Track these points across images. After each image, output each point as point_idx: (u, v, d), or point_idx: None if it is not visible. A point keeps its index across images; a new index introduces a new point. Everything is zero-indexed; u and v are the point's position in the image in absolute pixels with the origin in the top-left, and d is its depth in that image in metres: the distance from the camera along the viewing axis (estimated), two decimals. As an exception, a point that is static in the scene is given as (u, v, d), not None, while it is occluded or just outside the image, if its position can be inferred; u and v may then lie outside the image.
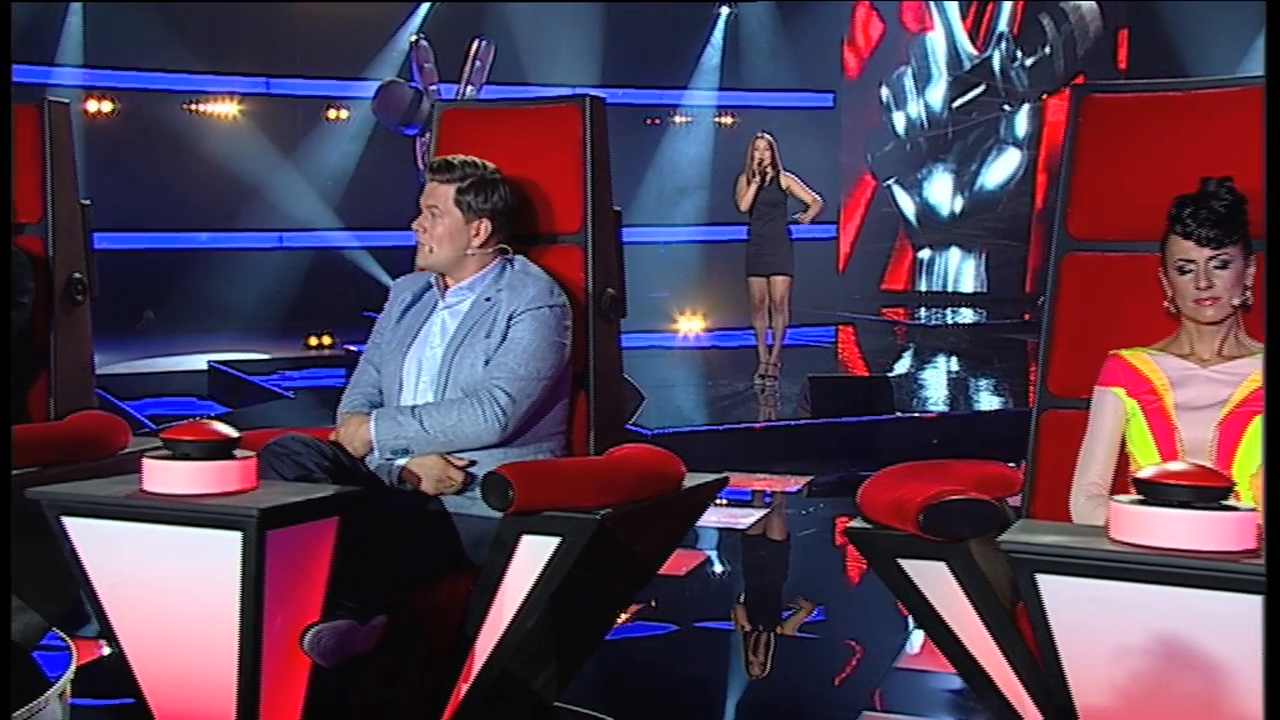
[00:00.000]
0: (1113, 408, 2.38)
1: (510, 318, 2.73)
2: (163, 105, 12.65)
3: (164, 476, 2.29)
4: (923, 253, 15.01)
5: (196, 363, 9.59)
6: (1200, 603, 1.75)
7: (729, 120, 14.81)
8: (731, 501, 5.64)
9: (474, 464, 2.67)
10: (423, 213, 2.82)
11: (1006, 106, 14.15)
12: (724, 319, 11.32)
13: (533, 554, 2.44)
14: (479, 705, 2.54)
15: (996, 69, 14.21)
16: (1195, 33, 11.11)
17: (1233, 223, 2.27)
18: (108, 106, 12.40)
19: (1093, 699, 1.85)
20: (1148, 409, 2.33)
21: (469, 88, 10.29)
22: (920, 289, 15.00)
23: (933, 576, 2.23)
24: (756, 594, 4.69)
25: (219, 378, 9.22)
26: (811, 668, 3.72)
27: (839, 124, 15.18)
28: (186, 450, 2.30)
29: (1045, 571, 1.83)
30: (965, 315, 14.01)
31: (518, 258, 2.86)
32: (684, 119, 14.80)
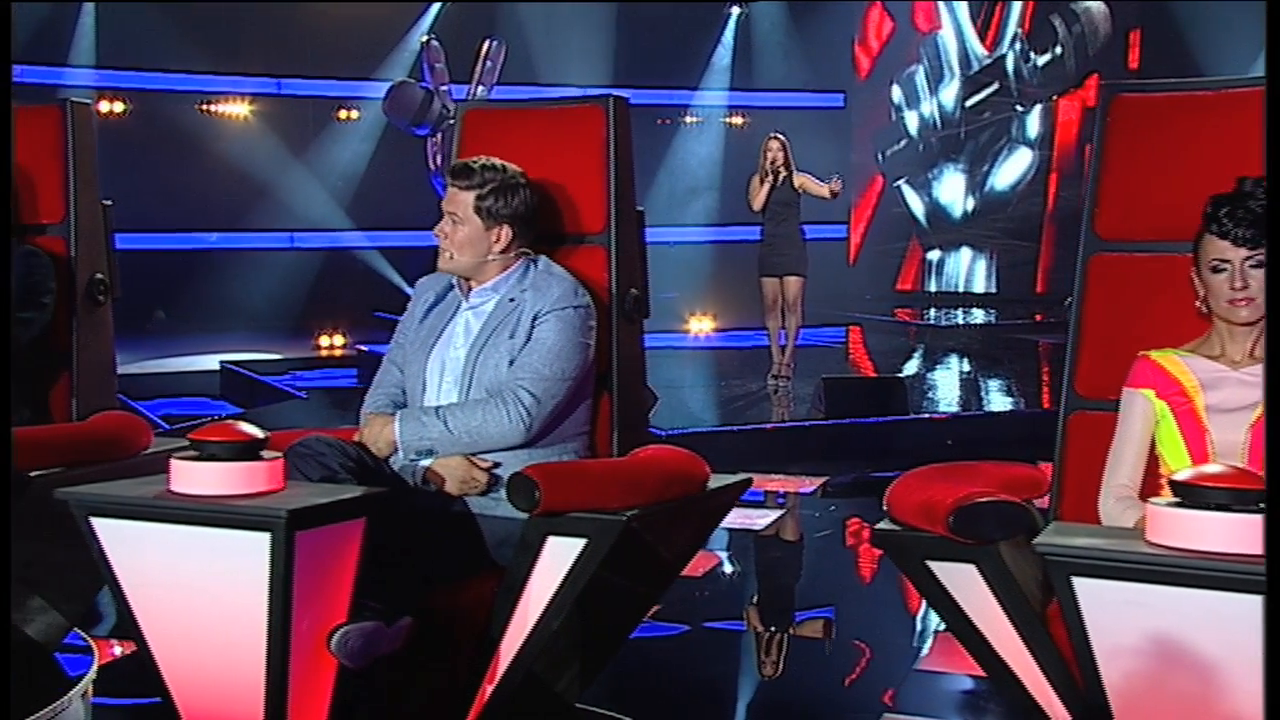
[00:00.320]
0: (1142, 409, 2.36)
1: (535, 318, 2.72)
2: (174, 106, 12.67)
3: (192, 477, 2.29)
4: (933, 253, 14.98)
5: (208, 363, 9.60)
6: (1238, 607, 1.73)
7: (740, 120, 14.80)
8: (745, 502, 5.63)
9: (498, 465, 2.66)
10: (444, 217, 2.82)
11: (1019, 106, 14.13)
12: (734, 319, 11.31)
13: (558, 555, 2.44)
14: (503, 706, 2.54)
15: (1010, 69, 14.19)
16: (1208, 33, 11.08)
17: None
18: (119, 107, 12.42)
19: (1129, 702, 1.84)
20: (1178, 411, 2.32)
21: (480, 88, 10.31)
22: (930, 289, 14.98)
23: (961, 578, 2.22)
24: (769, 595, 4.69)
25: (231, 378, 9.23)
26: (824, 669, 3.71)
27: (849, 124, 15.17)
28: (214, 451, 2.29)
29: (1082, 574, 1.82)
30: (976, 316, 13.99)
31: (541, 258, 2.85)
32: (694, 119, 14.80)
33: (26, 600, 3.08)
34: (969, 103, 14.48)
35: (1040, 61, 13.96)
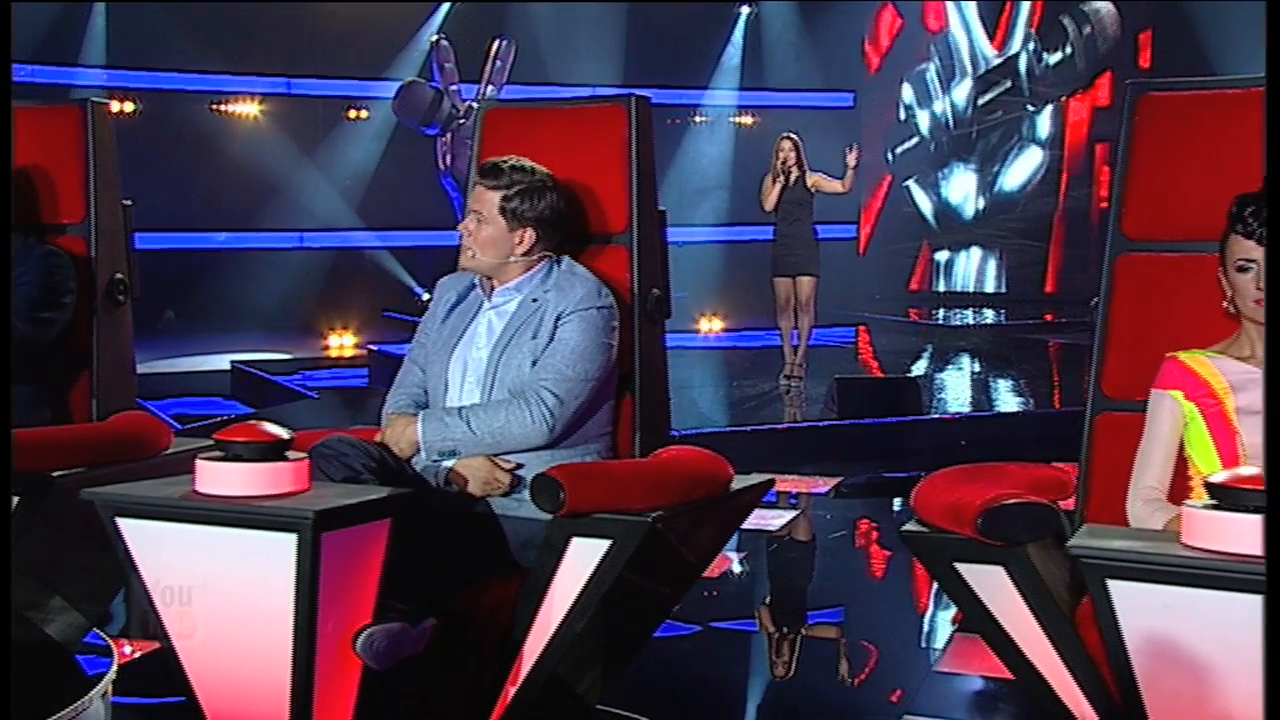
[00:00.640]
0: (1170, 411, 2.35)
1: (558, 318, 2.71)
2: (185, 106, 12.69)
3: (218, 478, 2.28)
4: (941, 253, 14.96)
5: (219, 362, 9.61)
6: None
7: (750, 120, 14.79)
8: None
9: (521, 466, 2.65)
10: (469, 215, 2.81)
11: (1030, 106, 14.11)
12: (745, 319, 11.30)
13: (582, 556, 2.43)
14: (526, 707, 2.53)
15: (1022, 68, 14.16)
16: (1218, 33, 11.05)
17: None
18: (130, 107, 12.44)
19: (1164, 705, 1.83)
20: (1207, 413, 2.30)
21: (490, 87, 10.29)
22: (939, 289, 14.96)
23: (989, 580, 2.21)
24: (782, 596, 4.68)
25: (242, 377, 9.23)
26: (836, 670, 3.71)
27: (859, 123, 15.16)
28: (239, 452, 2.29)
29: (1117, 577, 1.81)
30: (986, 316, 13.97)
31: (564, 258, 2.83)
32: (704, 119, 14.79)
33: (48, 600, 3.08)
34: (981, 101, 14.46)
35: (1051, 60, 13.94)
